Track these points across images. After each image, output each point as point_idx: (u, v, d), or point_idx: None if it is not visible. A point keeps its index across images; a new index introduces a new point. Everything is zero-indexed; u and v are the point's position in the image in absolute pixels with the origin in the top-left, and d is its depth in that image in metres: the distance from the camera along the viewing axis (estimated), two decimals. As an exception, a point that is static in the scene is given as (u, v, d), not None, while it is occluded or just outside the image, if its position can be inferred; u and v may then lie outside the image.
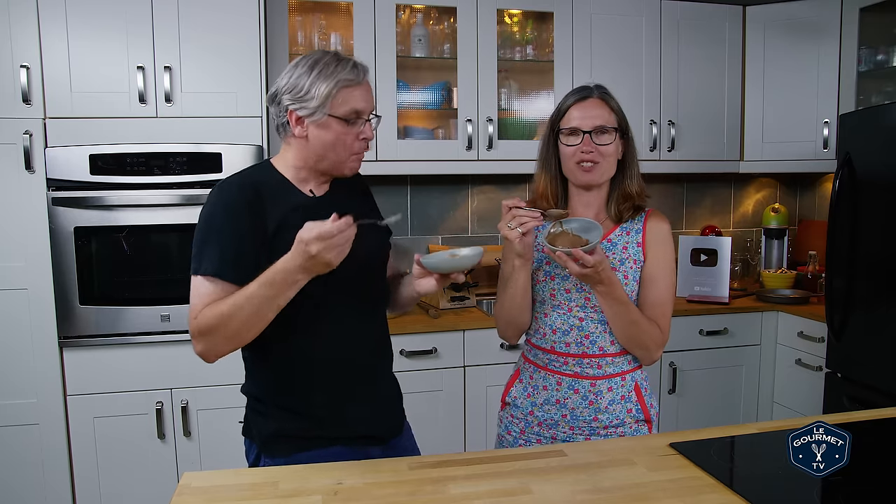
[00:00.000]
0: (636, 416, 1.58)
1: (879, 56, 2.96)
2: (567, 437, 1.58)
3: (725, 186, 3.67)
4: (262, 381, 1.47)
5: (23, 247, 2.40)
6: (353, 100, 1.38)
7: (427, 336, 2.69)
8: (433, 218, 3.30)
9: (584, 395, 1.56)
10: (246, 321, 1.28)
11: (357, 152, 1.43)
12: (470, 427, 2.78)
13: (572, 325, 1.56)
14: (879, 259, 2.48)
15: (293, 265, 1.24)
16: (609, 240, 1.58)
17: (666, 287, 1.57)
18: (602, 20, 3.06)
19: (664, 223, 1.61)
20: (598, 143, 1.52)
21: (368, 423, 1.47)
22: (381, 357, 1.55)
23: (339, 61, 1.38)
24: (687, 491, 1.19)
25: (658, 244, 1.58)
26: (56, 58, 2.37)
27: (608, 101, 1.56)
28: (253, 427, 1.48)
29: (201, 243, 1.36)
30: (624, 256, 1.57)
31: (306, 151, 1.41)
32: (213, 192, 1.40)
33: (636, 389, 1.58)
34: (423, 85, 3.05)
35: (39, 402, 2.44)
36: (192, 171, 2.47)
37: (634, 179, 1.59)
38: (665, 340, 1.57)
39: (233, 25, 2.50)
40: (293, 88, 1.37)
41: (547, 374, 1.60)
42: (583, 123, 1.53)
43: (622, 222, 1.59)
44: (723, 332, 3.04)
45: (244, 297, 1.27)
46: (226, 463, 2.41)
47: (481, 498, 1.17)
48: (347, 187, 1.52)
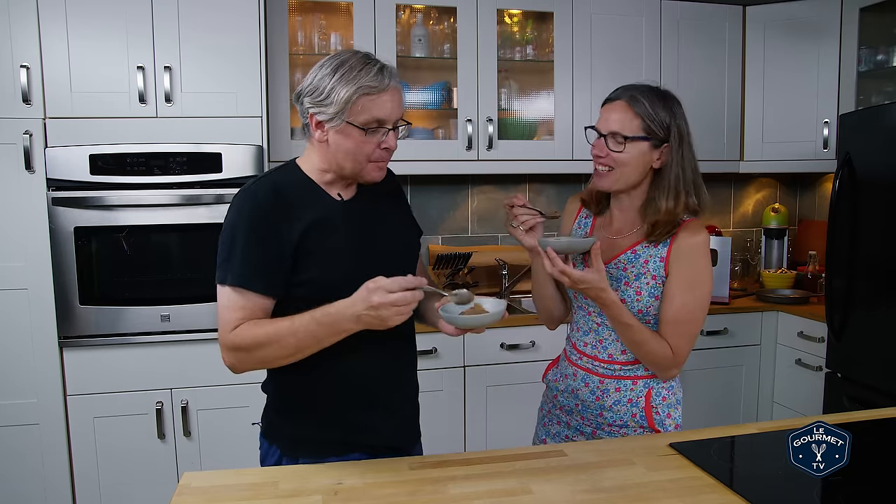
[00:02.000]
0: (640, 422, 1.55)
1: (879, 56, 2.96)
2: (579, 426, 1.61)
3: (725, 186, 3.67)
4: (289, 382, 1.43)
5: (23, 247, 2.40)
6: (374, 108, 1.31)
7: (427, 336, 2.68)
8: (433, 218, 3.30)
9: (592, 390, 1.58)
10: (284, 352, 1.27)
11: (377, 161, 1.37)
12: (470, 427, 2.78)
13: (591, 328, 1.60)
14: (879, 259, 2.48)
15: (350, 312, 1.20)
16: (634, 251, 1.52)
17: (682, 305, 1.46)
18: (602, 20, 3.06)
19: (695, 237, 1.47)
20: (612, 149, 1.46)
21: (393, 432, 1.46)
22: (407, 366, 1.52)
23: (366, 65, 1.31)
24: (687, 491, 1.19)
25: (682, 259, 1.47)
26: (56, 58, 2.37)
27: (635, 106, 1.45)
28: (275, 429, 1.44)
29: (227, 253, 1.32)
30: (643, 270, 1.50)
31: (328, 155, 1.37)
32: (236, 197, 1.36)
33: (647, 396, 1.55)
34: (423, 85, 3.05)
35: (39, 402, 2.44)
36: (192, 171, 2.47)
37: (668, 194, 1.46)
38: (679, 362, 1.49)
39: (233, 25, 2.50)
40: (314, 91, 1.31)
41: (568, 364, 1.64)
42: (601, 125, 1.49)
43: (650, 237, 1.49)
44: (723, 332, 3.04)
45: (288, 330, 1.25)
46: (226, 463, 2.41)
47: (481, 498, 1.17)
48: (378, 189, 1.48)
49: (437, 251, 3.14)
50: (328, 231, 1.35)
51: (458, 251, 3.08)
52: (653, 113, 1.45)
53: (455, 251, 3.08)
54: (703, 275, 1.48)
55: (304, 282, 1.33)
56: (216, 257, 1.34)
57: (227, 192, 2.46)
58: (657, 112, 1.45)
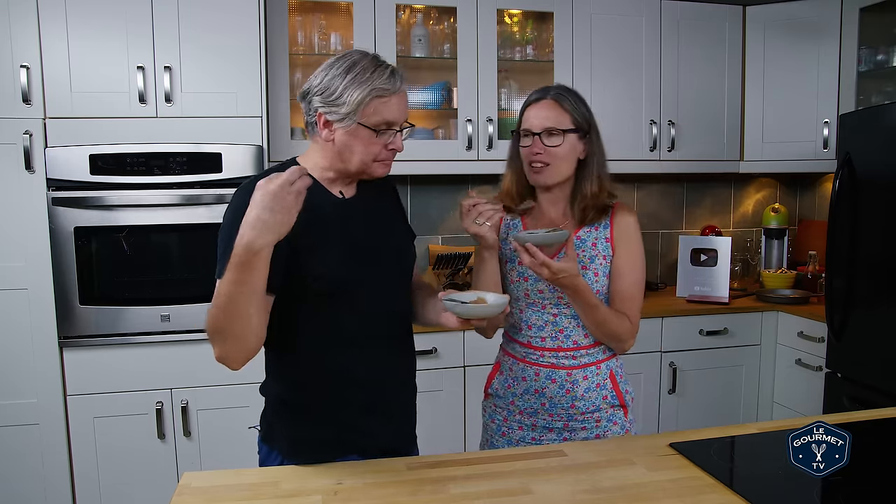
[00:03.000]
0: (611, 402, 1.62)
1: (879, 56, 2.96)
2: (546, 424, 1.62)
3: (725, 186, 3.67)
4: (288, 385, 1.41)
5: (23, 247, 2.40)
6: (385, 110, 1.33)
7: (427, 336, 2.68)
8: (433, 218, 3.30)
9: (560, 384, 1.59)
10: (228, 314, 1.19)
11: (383, 160, 1.39)
12: (470, 427, 2.78)
13: (546, 321, 1.61)
14: (879, 259, 2.48)
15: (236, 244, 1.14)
16: (578, 237, 1.60)
17: (634, 280, 1.60)
18: (602, 20, 3.06)
19: (630, 216, 1.62)
20: (548, 144, 1.54)
21: (393, 434, 1.46)
22: (406, 368, 1.52)
23: (377, 67, 1.32)
24: (687, 491, 1.19)
25: (625, 237, 1.60)
26: (56, 58, 2.37)
27: (562, 103, 1.56)
28: (276, 432, 1.42)
29: (223, 249, 1.30)
30: (594, 253, 1.59)
31: (332, 154, 1.37)
32: (235, 194, 1.35)
33: (611, 377, 1.63)
34: (423, 85, 3.05)
35: (39, 402, 2.44)
36: (192, 171, 2.47)
37: (592, 180, 1.59)
38: (635, 330, 1.60)
39: (233, 25, 2.50)
40: (325, 90, 1.31)
41: (525, 366, 1.63)
42: (533, 125, 1.56)
43: (584, 224, 1.60)
44: (723, 332, 3.04)
45: (217, 289, 1.20)
46: (226, 463, 2.41)
47: (481, 498, 1.17)
48: (377, 188, 1.49)
49: (437, 251, 3.14)
50: (330, 228, 1.35)
51: (458, 251, 3.07)
52: (577, 107, 1.57)
53: (455, 251, 3.08)
54: (642, 249, 1.64)
55: (307, 278, 1.33)
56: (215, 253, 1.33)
57: (228, 192, 2.46)
58: (580, 107, 1.58)
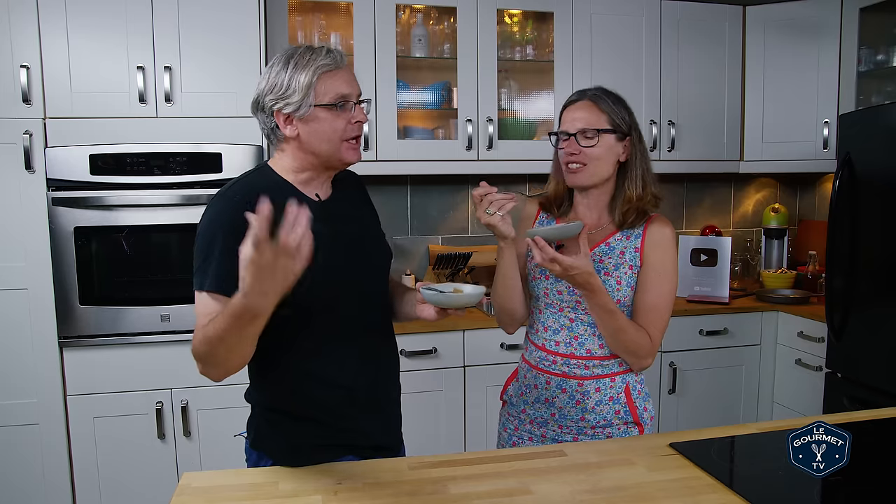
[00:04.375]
0: (624, 418, 1.57)
1: (879, 56, 2.96)
2: (556, 436, 1.59)
3: (725, 186, 3.67)
4: (276, 392, 1.41)
5: (23, 247, 2.40)
6: (336, 84, 1.33)
7: (427, 336, 2.69)
8: (433, 218, 3.30)
9: (571, 395, 1.56)
10: (217, 350, 1.20)
11: (350, 139, 1.37)
12: (470, 427, 2.78)
13: (563, 325, 1.58)
14: (879, 259, 2.48)
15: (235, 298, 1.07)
16: (608, 243, 1.57)
17: (659, 294, 1.53)
18: (602, 20, 3.06)
19: (666, 227, 1.57)
20: (583, 145, 1.53)
21: (382, 432, 1.46)
22: (387, 365, 1.52)
23: (314, 51, 1.34)
24: (687, 491, 1.19)
25: (655, 249, 1.55)
26: (56, 58, 2.37)
27: (599, 104, 1.55)
28: (266, 439, 1.42)
29: (202, 259, 1.31)
30: (620, 261, 1.55)
31: (301, 152, 1.36)
32: (210, 204, 1.35)
33: (626, 391, 1.57)
34: (423, 85, 3.05)
35: (39, 402, 2.44)
36: (192, 171, 2.47)
37: (635, 182, 1.55)
38: (655, 349, 1.54)
39: (233, 25, 2.50)
40: (273, 87, 1.33)
41: (538, 373, 1.61)
42: (568, 126, 1.55)
43: (623, 227, 1.56)
44: (723, 332, 3.04)
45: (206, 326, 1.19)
46: (226, 463, 2.41)
47: (481, 498, 1.17)
48: (353, 189, 1.49)
49: (437, 251, 3.14)
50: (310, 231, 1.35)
51: (458, 251, 3.07)
52: (615, 109, 1.56)
53: (455, 251, 3.08)
54: (674, 265, 1.57)
55: None
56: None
57: (227, 192, 2.46)
58: (618, 108, 1.56)
